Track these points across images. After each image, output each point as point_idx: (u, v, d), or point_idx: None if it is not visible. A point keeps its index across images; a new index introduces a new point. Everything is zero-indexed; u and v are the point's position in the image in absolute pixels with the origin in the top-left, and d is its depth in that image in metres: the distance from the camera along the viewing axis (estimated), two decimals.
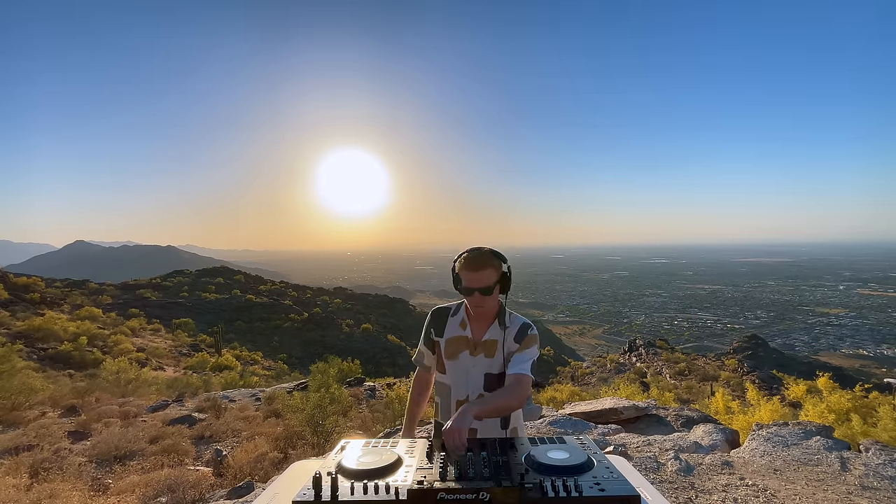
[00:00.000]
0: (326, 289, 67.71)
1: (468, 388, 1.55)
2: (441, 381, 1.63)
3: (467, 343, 1.56)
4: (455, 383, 1.57)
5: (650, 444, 4.12)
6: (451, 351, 1.57)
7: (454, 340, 1.58)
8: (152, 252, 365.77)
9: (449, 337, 1.59)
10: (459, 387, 1.56)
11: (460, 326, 1.59)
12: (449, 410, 1.58)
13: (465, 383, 1.55)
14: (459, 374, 1.56)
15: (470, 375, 1.55)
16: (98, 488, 4.43)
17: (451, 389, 1.58)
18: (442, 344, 1.60)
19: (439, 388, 1.64)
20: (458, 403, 1.55)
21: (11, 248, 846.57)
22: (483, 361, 1.53)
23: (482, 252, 1.48)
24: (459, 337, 1.58)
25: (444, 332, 1.61)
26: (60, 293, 33.45)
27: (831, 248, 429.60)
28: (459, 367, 1.56)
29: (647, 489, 1.09)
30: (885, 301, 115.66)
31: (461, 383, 1.56)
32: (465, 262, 1.47)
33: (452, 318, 1.62)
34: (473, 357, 1.54)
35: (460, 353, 1.56)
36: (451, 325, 1.61)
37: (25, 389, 8.19)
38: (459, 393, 1.56)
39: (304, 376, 16.08)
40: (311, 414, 6.38)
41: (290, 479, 1.21)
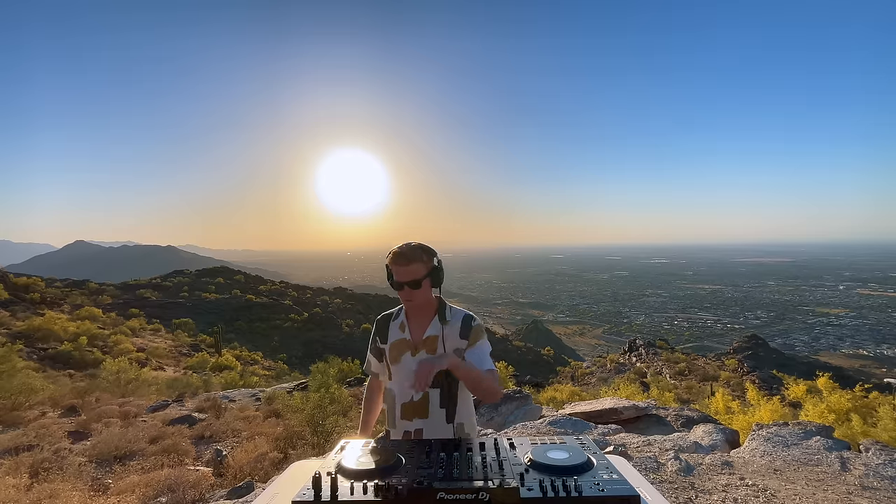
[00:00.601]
0: (326, 289, 67.72)
1: (413, 389, 1.51)
2: (387, 388, 1.62)
3: (407, 345, 1.56)
4: (399, 386, 1.56)
5: (650, 444, 4.12)
6: (394, 355, 1.57)
7: (396, 344, 1.58)
8: (152, 252, 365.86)
9: (392, 341, 1.59)
10: (404, 389, 1.54)
11: (400, 329, 1.59)
12: (394, 417, 1.56)
13: (410, 384, 1.54)
14: (402, 377, 1.55)
15: (413, 376, 1.53)
16: (98, 488, 4.43)
17: (396, 394, 1.57)
18: (386, 350, 1.60)
19: (386, 395, 1.63)
20: (402, 407, 1.54)
21: (11, 248, 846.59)
22: (424, 359, 1.51)
23: (410, 246, 1.49)
24: (400, 340, 1.57)
25: (387, 338, 1.61)
26: (60, 293, 33.44)
27: (831, 248, 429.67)
28: (402, 369, 1.55)
29: (647, 489, 1.09)
30: (885, 301, 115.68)
31: (405, 385, 1.53)
32: (393, 256, 1.48)
33: (394, 323, 1.61)
34: (415, 358, 1.53)
35: (402, 355, 1.55)
36: (392, 329, 1.61)
37: (25, 389, 8.20)
38: (404, 395, 1.54)
39: (304, 376, 16.08)
40: (311, 414, 6.38)
41: (290, 479, 1.21)
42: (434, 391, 1.52)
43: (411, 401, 1.53)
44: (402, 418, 1.54)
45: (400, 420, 1.55)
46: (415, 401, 1.53)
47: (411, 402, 1.53)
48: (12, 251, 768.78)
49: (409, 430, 1.53)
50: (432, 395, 1.52)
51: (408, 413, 1.53)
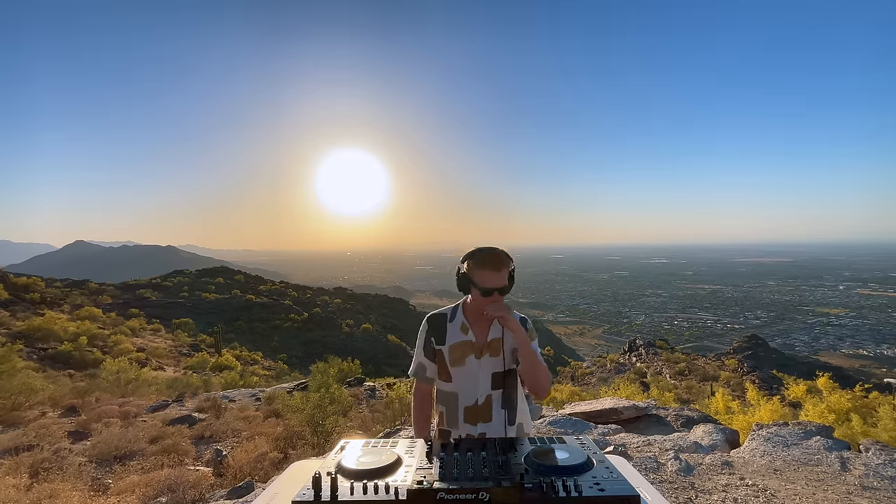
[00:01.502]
0: (326, 289, 67.71)
1: (477, 392, 1.52)
2: (445, 390, 1.58)
3: (472, 347, 1.53)
4: (462, 389, 1.53)
5: (650, 444, 4.12)
6: (456, 357, 1.53)
7: (458, 346, 1.53)
8: (152, 252, 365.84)
9: (452, 343, 1.54)
10: (467, 392, 1.53)
11: (461, 331, 1.55)
12: (456, 419, 1.54)
13: (475, 388, 1.52)
14: (468, 380, 1.52)
15: (478, 379, 1.52)
16: (98, 488, 4.43)
17: (459, 396, 1.54)
18: (445, 351, 1.55)
19: (443, 396, 1.59)
20: (465, 410, 1.52)
21: (11, 248, 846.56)
22: (489, 362, 1.51)
23: (500, 251, 1.46)
24: (463, 342, 1.53)
25: (445, 340, 1.56)
26: (60, 293, 33.43)
27: (831, 248, 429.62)
28: (467, 372, 1.52)
29: (647, 489, 1.09)
30: (885, 301, 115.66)
31: (470, 388, 1.53)
32: (484, 260, 1.44)
33: (452, 324, 1.57)
34: (479, 360, 1.52)
35: (466, 358, 1.52)
36: (451, 331, 1.56)
37: (25, 389, 8.19)
38: (468, 399, 1.53)
39: (304, 376, 16.08)
40: (311, 414, 6.38)
41: (290, 479, 1.21)
42: (496, 392, 1.51)
43: (475, 404, 1.51)
44: (466, 422, 1.52)
45: (463, 423, 1.53)
46: (479, 404, 1.51)
47: (475, 406, 1.51)
48: (12, 251, 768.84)
49: (473, 433, 1.51)
50: (494, 397, 1.51)
51: (471, 417, 1.52)
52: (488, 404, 1.52)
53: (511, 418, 1.53)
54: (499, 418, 1.51)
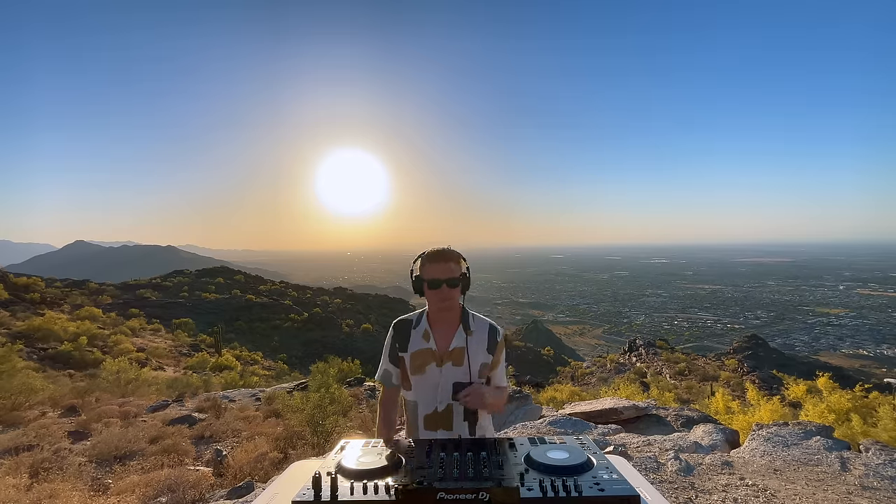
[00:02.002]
0: (326, 289, 67.71)
1: (437, 401, 1.50)
2: (407, 399, 1.57)
3: (433, 355, 1.51)
4: (423, 398, 1.52)
5: (650, 444, 4.12)
6: (416, 365, 1.51)
7: (419, 354, 1.52)
8: (152, 252, 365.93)
9: (413, 351, 1.53)
10: (427, 401, 1.51)
11: (423, 338, 1.53)
12: (417, 427, 1.53)
13: (433, 396, 1.51)
14: (427, 389, 1.51)
15: (438, 387, 1.50)
16: (98, 488, 4.43)
17: (418, 405, 1.53)
18: (407, 359, 1.54)
19: (406, 405, 1.58)
20: (426, 418, 1.51)
21: (11, 248, 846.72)
22: (451, 371, 1.49)
23: (445, 247, 1.49)
24: (424, 350, 1.52)
25: (407, 347, 1.54)
26: (60, 293, 33.44)
27: (831, 248, 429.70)
28: (427, 381, 1.51)
29: (647, 489, 1.09)
30: (885, 301, 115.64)
31: (429, 397, 1.51)
32: (431, 255, 1.47)
33: (415, 331, 1.56)
34: (440, 369, 1.49)
35: (427, 366, 1.50)
36: (414, 337, 1.55)
37: (25, 389, 8.19)
38: (427, 407, 1.51)
39: (304, 376, 16.08)
40: (311, 414, 6.38)
41: (290, 479, 1.21)
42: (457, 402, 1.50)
43: (435, 412, 1.50)
44: (426, 429, 1.52)
45: (424, 431, 1.52)
46: (439, 412, 1.50)
47: (435, 413, 1.50)
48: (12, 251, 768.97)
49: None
50: (456, 408, 1.50)
51: (431, 424, 1.51)
52: (449, 412, 1.50)
53: (472, 428, 1.51)
54: (460, 427, 1.50)
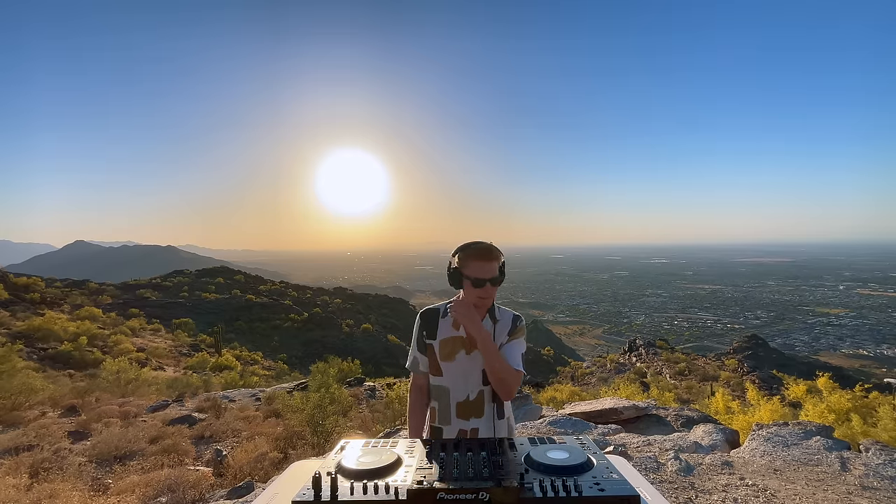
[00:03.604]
0: (326, 289, 67.71)
1: (468, 388, 1.53)
2: (437, 385, 1.59)
3: (462, 343, 1.54)
4: (454, 385, 1.55)
5: (650, 444, 4.12)
6: (446, 352, 1.55)
7: (449, 341, 1.55)
8: (152, 252, 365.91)
9: (443, 338, 1.56)
10: (458, 388, 1.54)
11: (453, 327, 1.57)
12: (448, 414, 1.55)
13: (465, 383, 1.54)
14: (458, 375, 1.54)
15: (469, 374, 1.53)
16: (98, 488, 4.43)
17: (450, 391, 1.55)
18: (436, 346, 1.57)
19: (436, 391, 1.60)
20: (458, 405, 1.53)
21: (11, 248, 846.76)
22: (480, 358, 1.51)
23: (489, 244, 1.50)
24: (454, 337, 1.55)
25: (436, 334, 1.58)
26: (60, 293, 33.43)
27: (831, 248, 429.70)
28: (457, 367, 1.54)
29: (647, 489, 1.09)
30: (885, 301, 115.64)
31: (460, 384, 1.54)
32: (475, 252, 1.48)
33: (443, 320, 1.59)
34: (470, 356, 1.53)
35: (456, 353, 1.54)
36: (442, 326, 1.58)
37: (25, 389, 8.19)
38: (459, 394, 1.54)
39: (304, 376, 16.08)
40: (311, 414, 6.38)
41: (290, 479, 1.21)
42: (488, 388, 1.52)
43: (467, 399, 1.53)
44: (458, 417, 1.53)
45: (456, 418, 1.54)
46: (471, 399, 1.53)
47: (467, 401, 1.53)
48: (12, 251, 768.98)
49: (465, 428, 1.53)
50: (486, 392, 1.52)
51: (464, 412, 1.53)
52: (480, 399, 1.53)
53: (500, 412, 1.54)
54: (489, 412, 1.53)
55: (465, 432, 1.52)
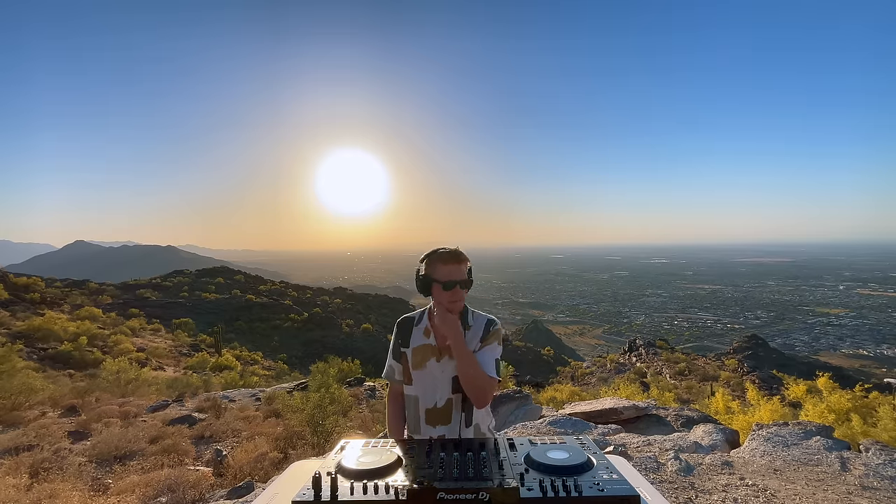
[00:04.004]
0: (326, 289, 67.71)
1: (436, 396, 1.52)
2: (408, 393, 1.58)
3: (432, 350, 1.53)
4: (423, 393, 1.54)
5: (650, 444, 4.12)
6: (417, 360, 1.54)
7: (420, 350, 1.55)
8: (152, 252, 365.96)
9: (414, 346, 1.56)
10: (427, 396, 1.53)
11: (424, 335, 1.56)
12: (418, 422, 1.54)
13: (434, 391, 1.52)
14: (427, 383, 1.53)
15: (438, 382, 1.52)
16: (98, 488, 4.43)
17: (419, 399, 1.54)
18: (409, 354, 1.57)
19: (407, 400, 1.60)
20: (427, 413, 1.52)
21: (11, 248, 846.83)
22: (449, 365, 1.50)
23: (455, 248, 1.51)
24: (424, 345, 1.55)
25: (409, 342, 1.58)
26: (60, 293, 33.44)
27: (831, 248, 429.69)
28: (426, 375, 1.53)
29: (647, 489, 1.09)
30: (885, 301, 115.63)
31: (429, 392, 1.53)
32: (443, 256, 1.48)
33: (417, 328, 1.59)
34: (439, 363, 1.52)
35: (426, 361, 1.53)
36: (415, 334, 1.58)
37: (25, 389, 8.19)
38: (427, 401, 1.53)
39: (304, 376, 16.08)
40: (311, 414, 6.38)
41: (290, 479, 1.21)
42: (457, 396, 1.51)
43: (435, 407, 1.52)
44: (427, 424, 1.53)
45: (424, 426, 1.53)
46: (438, 407, 1.52)
47: (435, 408, 1.52)
48: (12, 251, 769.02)
49: (434, 436, 1.50)
50: (455, 400, 1.51)
51: (432, 419, 1.52)
52: (448, 407, 1.51)
53: (468, 419, 1.52)
54: (457, 420, 1.52)
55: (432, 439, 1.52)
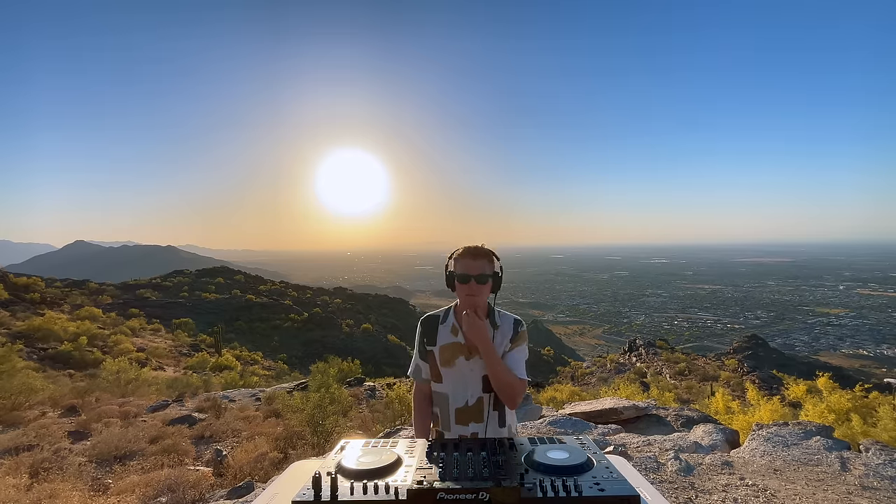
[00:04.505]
0: (326, 289, 67.73)
1: (467, 394, 1.53)
2: (437, 391, 1.59)
3: (461, 349, 1.54)
4: (453, 391, 1.55)
5: (650, 444, 4.12)
6: (446, 358, 1.55)
7: (448, 347, 1.56)
8: (152, 252, 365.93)
9: (442, 344, 1.57)
10: (458, 394, 1.54)
11: (452, 333, 1.57)
12: (448, 420, 1.55)
13: (464, 389, 1.53)
14: (457, 381, 1.54)
15: (468, 380, 1.53)
16: (98, 488, 4.43)
17: (450, 397, 1.55)
18: (436, 352, 1.57)
19: (436, 398, 1.60)
20: (457, 412, 1.53)
21: (11, 248, 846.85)
22: (479, 364, 1.51)
23: (480, 245, 1.53)
24: (453, 344, 1.55)
25: (436, 341, 1.58)
26: (60, 293, 33.43)
27: (831, 248, 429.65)
28: (456, 373, 1.54)
29: (647, 489, 1.09)
30: (885, 301, 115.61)
31: (460, 390, 1.54)
32: (464, 251, 1.51)
33: (443, 326, 1.60)
34: (469, 362, 1.52)
35: (456, 359, 1.54)
36: (442, 332, 1.59)
37: (25, 389, 8.19)
38: (458, 400, 1.54)
39: (304, 376, 16.08)
40: (311, 414, 6.38)
41: (290, 479, 1.21)
42: (487, 395, 1.52)
43: (466, 405, 1.53)
44: (457, 423, 1.54)
45: (455, 424, 1.54)
46: (469, 405, 1.53)
47: (466, 407, 1.53)
48: (12, 251, 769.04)
49: (465, 433, 1.52)
50: (486, 399, 1.52)
51: (463, 418, 1.53)
52: (479, 406, 1.53)
53: (502, 420, 1.54)
54: (491, 419, 1.53)
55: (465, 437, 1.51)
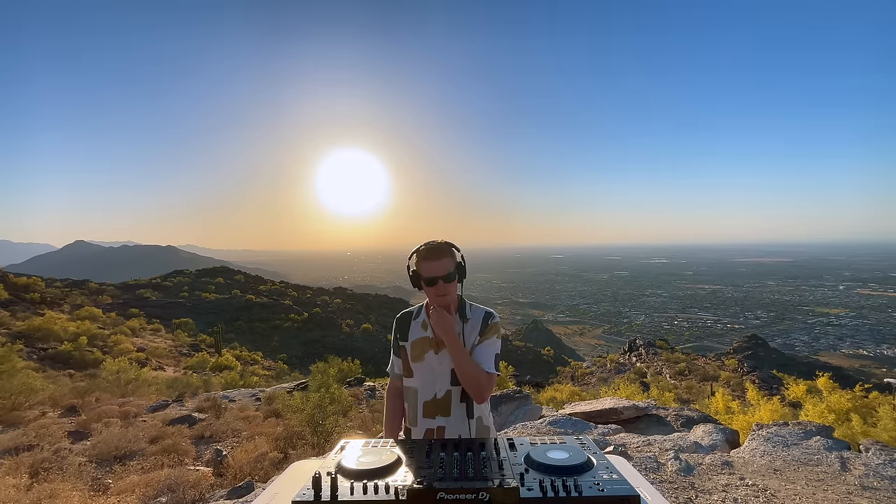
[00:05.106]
0: (326, 289, 67.70)
1: (436, 387, 1.54)
2: (408, 386, 1.61)
3: (430, 343, 1.55)
4: (422, 385, 1.56)
5: (650, 444, 4.12)
6: (416, 353, 1.57)
7: (418, 342, 1.58)
8: (152, 252, 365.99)
9: (413, 339, 1.59)
10: (426, 387, 1.55)
11: (422, 328, 1.59)
12: (416, 414, 1.57)
13: (433, 383, 1.54)
14: (426, 375, 1.55)
15: (436, 374, 1.54)
16: (98, 488, 4.43)
17: (419, 391, 1.56)
18: (407, 348, 1.60)
19: (406, 393, 1.62)
20: (425, 405, 1.54)
21: (11, 248, 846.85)
22: (448, 357, 1.51)
23: (438, 243, 1.52)
24: (422, 338, 1.57)
25: (408, 336, 1.61)
26: (60, 293, 33.43)
27: (831, 248, 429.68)
28: (425, 367, 1.55)
29: (647, 489, 1.09)
30: (885, 301, 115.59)
31: (428, 384, 1.55)
32: (424, 253, 1.50)
33: (415, 321, 1.62)
34: (437, 356, 1.53)
35: (425, 353, 1.55)
36: (413, 327, 1.61)
37: (25, 389, 8.19)
38: (426, 394, 1.55)
39: (304, 376, 16.08)
40: (311, 414, 6.38)
41: (290, 479, 1.21)
42: (456, 388, 1.52)
43: (434, 398, 1.54)
44: (425, 416, 1.55)
45: (422, 418, 1.55)
46: (437, 398, 1.53)
47: (433, 400, 1.54)
48: (12, 251, 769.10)
49: (432, 427, 1.53)
50: (454, 392, 1.53)
51: (430, 411, 1.54)
52: (447, 399, 1.53)
53: (470, 411, 1.53)
54: (458, 412, 1.53)
55: (431, 431, 1.53)
